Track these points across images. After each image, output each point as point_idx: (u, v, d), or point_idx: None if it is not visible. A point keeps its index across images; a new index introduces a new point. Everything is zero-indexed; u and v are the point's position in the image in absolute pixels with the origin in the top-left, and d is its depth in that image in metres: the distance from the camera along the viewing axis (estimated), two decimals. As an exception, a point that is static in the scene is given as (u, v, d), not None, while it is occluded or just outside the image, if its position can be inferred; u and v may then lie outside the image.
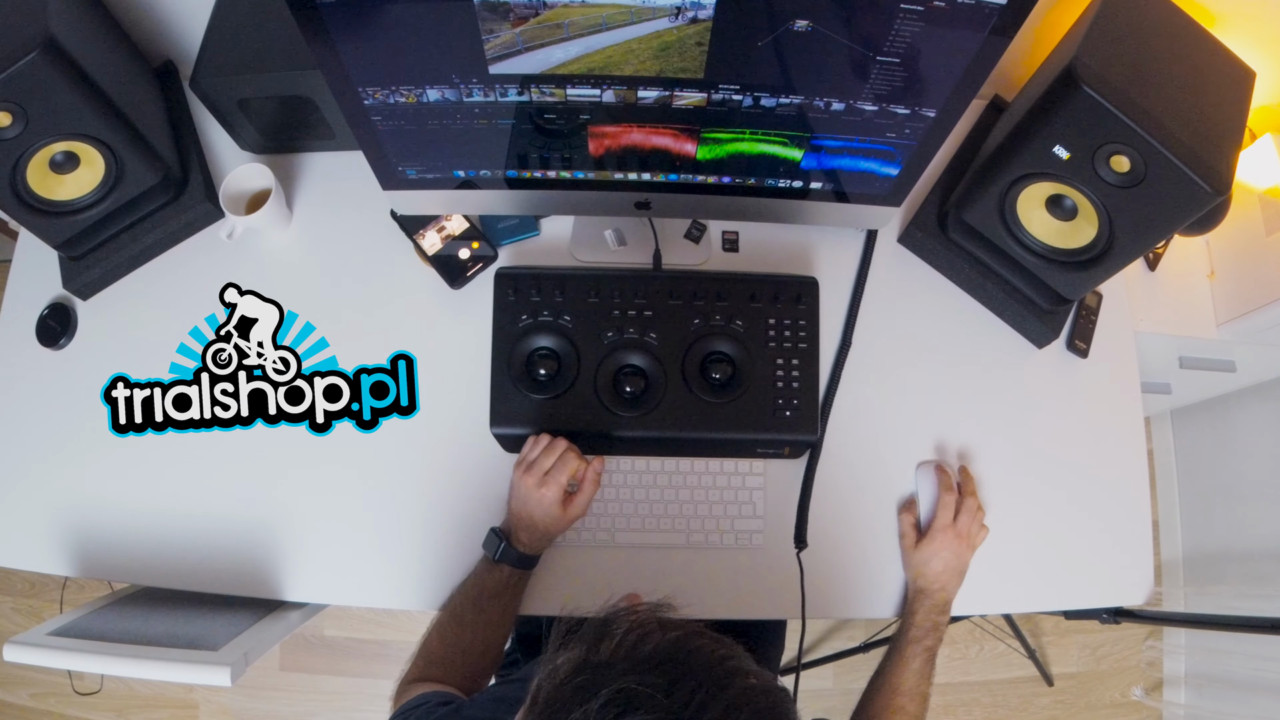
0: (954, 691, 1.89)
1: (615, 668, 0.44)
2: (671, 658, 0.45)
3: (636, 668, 0.44)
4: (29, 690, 1.86)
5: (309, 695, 1.86)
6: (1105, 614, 1.08)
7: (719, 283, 1.01)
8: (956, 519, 0.99)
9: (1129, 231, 0.94)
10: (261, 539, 1.04)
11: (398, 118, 0.84)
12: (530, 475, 0.95)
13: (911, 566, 1.00)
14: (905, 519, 1.03)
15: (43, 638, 0.95)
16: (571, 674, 0.45)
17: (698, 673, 0.44)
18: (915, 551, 1.00)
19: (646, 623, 0.48)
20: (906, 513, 1.03)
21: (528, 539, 0.95)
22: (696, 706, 0.43)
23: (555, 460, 0.95)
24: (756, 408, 0.98)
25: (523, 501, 0.95)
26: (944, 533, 0.98)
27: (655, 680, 0.43)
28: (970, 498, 1.01)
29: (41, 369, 1.11)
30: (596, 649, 0.46)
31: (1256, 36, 1.06)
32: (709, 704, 0.43)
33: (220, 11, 1.09)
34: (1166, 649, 1.90)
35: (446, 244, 1.12)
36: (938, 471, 1.03)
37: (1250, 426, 1.70)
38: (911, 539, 1.01)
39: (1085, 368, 1.13)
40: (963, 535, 0.98)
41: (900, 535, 1.03)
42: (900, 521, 1.04)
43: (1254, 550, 1.67)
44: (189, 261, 1.15)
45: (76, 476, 1.06)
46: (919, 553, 0.99)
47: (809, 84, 0.79)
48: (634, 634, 0.46)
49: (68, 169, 1.02)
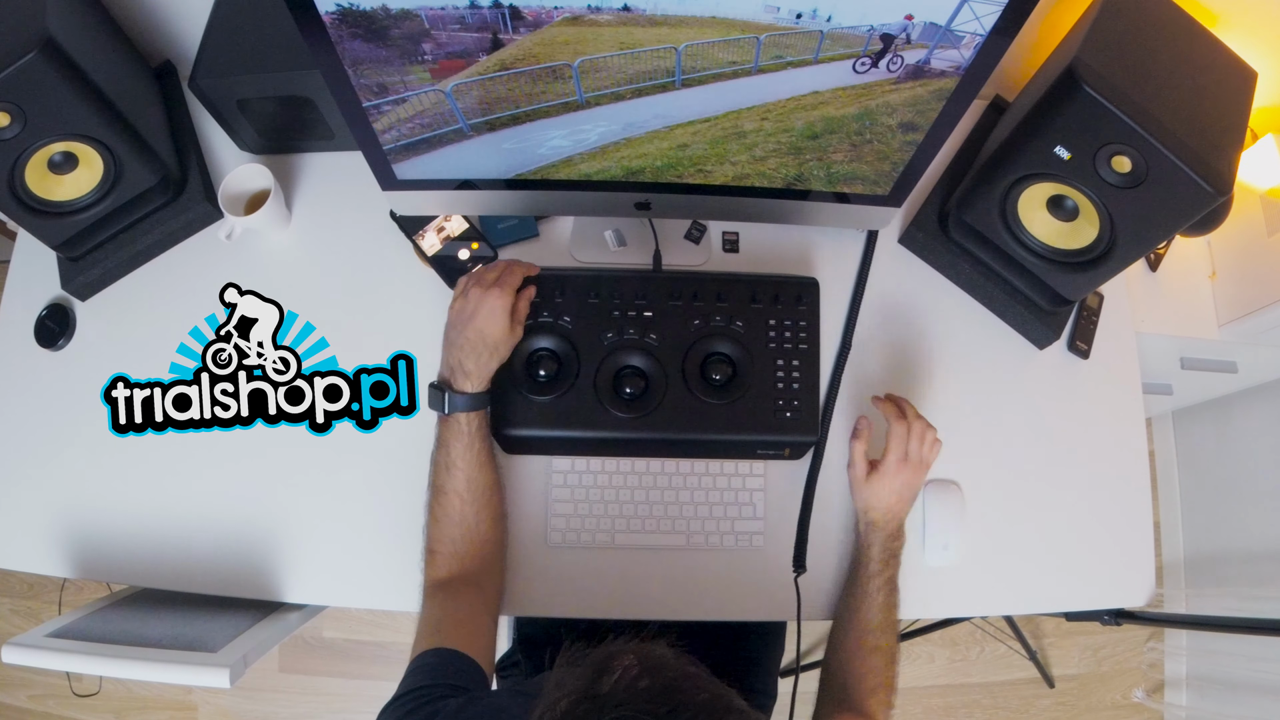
0: (955, 693, 1.89)
1: (615, 697, 0.47)
2: (668, 692, 0.48)
3: (636, 698, 0.47)
4: (28, 692, 1.85)
5: (308, 697, 1.85)
6: (1106, 615, 1.08)
7: (719, 283, 1.01)
8: (908, 448, 0.95)
9: (1130, 232, 0.94)
10: (260, 540, 1.03)
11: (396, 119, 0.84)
12: (476, 285, 0.90)
13: (862, 498, 0.97)
14: (856, 447, 0.98)
15: (41, 639, 0.94)
16: (572, 706, 0.47)
17: (693, 706, 0.47)
18: (866, 484, 0.96)
19: (645, 660, 0.50)
20: (857, 440, 0.98)
21: (474, 366, 0.89)
22: None
23: (500, 273, 0.91)
24: (757, 409, 0.98)
25: (469, 317, 0.89)
26: (898, 466, 0.94)
27: (655, 709, 0.46)
28: (917, 421, 0.95)
29: (40, 370, 1.10)
30: (597, 683, 0.48)
31: (1258, 36, 1.06)
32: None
33: (219, 11, 1.09)
34: (1168, 651, 1.89)
35: (446, 245, 1.12)
36: (884, 402, 0.98)
37: (1252, 427, 1.70)
38: (862, 470, 0.97)
39: (1086, 368, 1.13)
40: (916, 464, 0.95)
41: (850, 464, 0.99)
42: (851, 449, 0.99)
43: (1256, 552, 1.67)
44: (188, 262, 1.14)
45: (75, 478, 1.06)
46: (870, 485, 0.95)
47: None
48: (632, 670, 0.49)
49: (66, 169, 1.02)
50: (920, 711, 1.88)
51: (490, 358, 0.90)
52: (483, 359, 0.90)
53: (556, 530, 1.03)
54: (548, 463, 1.05)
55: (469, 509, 0.90)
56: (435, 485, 0.91)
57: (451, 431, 0.90)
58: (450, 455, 0.90)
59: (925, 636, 1.83)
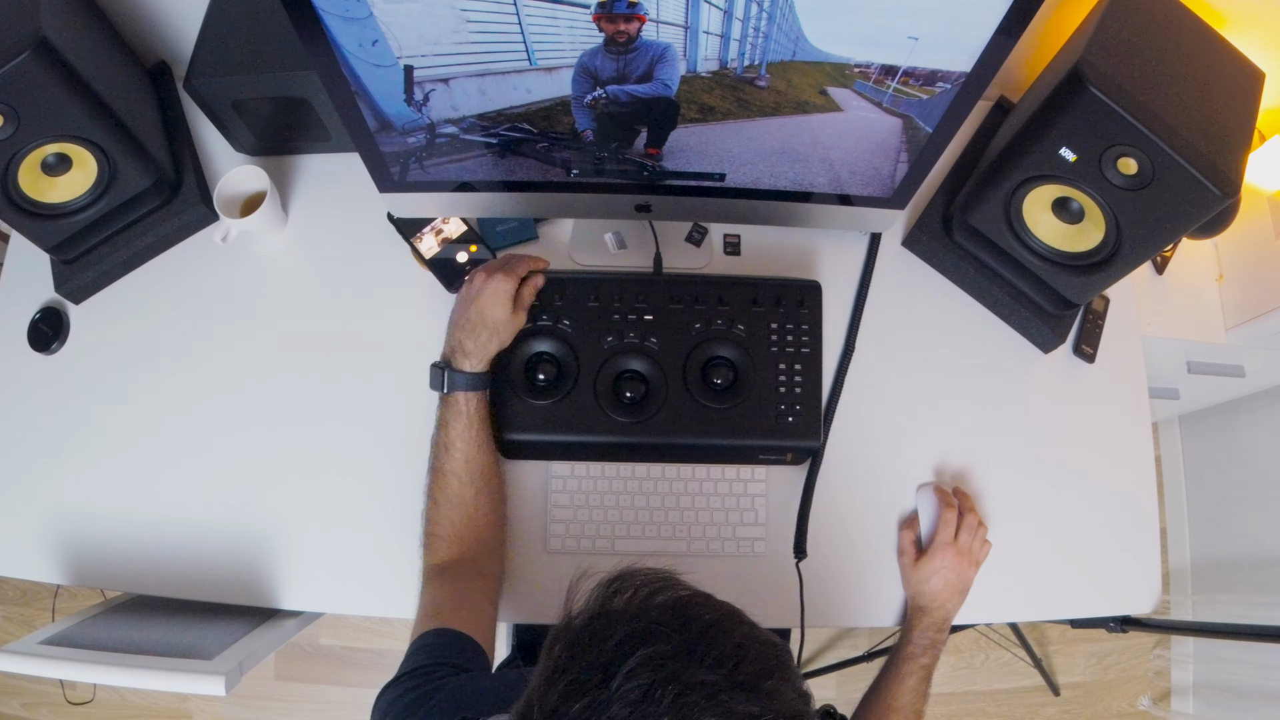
0: (959, 701, 1.88)
1: (629, 613, 0.48)
2: (682, 607, 0.48)
3: (649, 613, 0.47)
4: (21, 700, 1.84)
5: (304, 705, 1.84)
6: (1112, 623, 1.07)
7: (720, 286, 1.00)
8: (958, 536, 0.98)
9: (1136, 235, 0.93)
10: (256, 546, 1.02)
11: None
12: (483, 270, 0.93)
13: (911, 584, 0.99)
14: (905, 535, 1.01)
15: (35, 646, 0.94)
16: (587, 623, 0.48)
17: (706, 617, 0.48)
18: (915, 569, 0.98)
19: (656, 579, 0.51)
20: (907, 529, 1.02)
21: (473, 346, 0.90)
22: (707, 643, 0.45)
23: (507, 259, 0.94)
24: (758, 413, 0.97)
25: (472, 298, 0.91)
26: (944, 550, 0.97)
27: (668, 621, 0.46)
28: (970, 514, 0.99)
29: (33, 374, 1.09)
30: (610, 602, 0.49)
31: (1266, 37, 1.05)
32: (718, 640, 0.46)
33: (214, 12, 1.09)
34: (1174, 658, 1.88)
35: (444, 247, 1.11)
36: (937, 491, 1.02)
37: (1259, 432, 1.68)
38: (911, 556, 1.00)
39: (1092, 373, 1.12)
40: (964, 552, 0.97)
41: (900, 552, 1.02)
42: (900, 538, 1.02)
43: (1263, 558, 1.65)
44: (183, 265, 1.14)
45: (68, 484, 1.05)
46: (919, 570, 0.98)
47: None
48: (645, 589, 0.50)
49: (60, 171, 1.01)
50: (924, 719, 1.87)
51: (490, 339, 0.91)
52: (482, 339, 0.91)
53: (556, 536, 1.01)
54: (547, 467, 1.04)
55: (468, 490, 0.90)
56: (434, 467, 0.91)
57: (451, 411, 0.91)
58: (449, 435, 0.90)
59: (928, 643, 1.81)
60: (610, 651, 0.45)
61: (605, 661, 0.44)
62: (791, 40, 0.73)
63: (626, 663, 0.44)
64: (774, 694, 0.45)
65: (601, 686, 0.44)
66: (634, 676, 0.43)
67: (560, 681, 0.45)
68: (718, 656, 0.45)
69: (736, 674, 0.44)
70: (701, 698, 0.43)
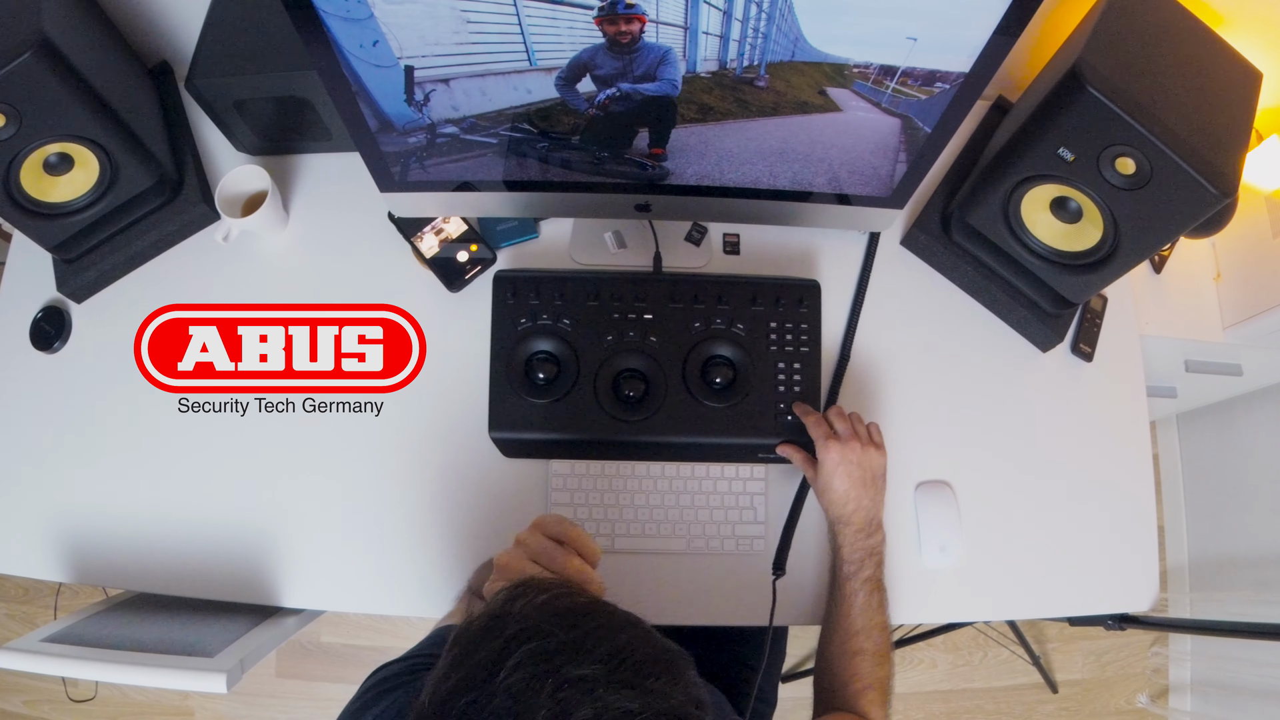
0: (957, 698, 1.88)
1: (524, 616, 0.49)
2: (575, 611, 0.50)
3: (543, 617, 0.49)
4: (23, 697, 1.84)
5: (306, 702, 1.84)
6: (1110, 620, 1.07)
7: (720, 286, 1.00)
8: (835, 430, 0.94)
9: (1134, 234, 0.94)
10: (258, 544, 1.02)
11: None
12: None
13: (820, 497, 0.95)
14: (789, 451, 0.97)
15: (36, 644, 0.94)
16: (485, 623, 0.49)
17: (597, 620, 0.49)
18: (817, 479, 0.94)
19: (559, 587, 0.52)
20: (784, 446, 0.98)
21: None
22: (592, 641, 0.47)
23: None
24: (758, 412, 0.97)
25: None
26: (826, 446, 0.92)
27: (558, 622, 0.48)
28: (832, 409, 0.96)
29: (35, 373, 1.10)
30: (509, 605, 0.50)
31: (1263, 37, 1.05)
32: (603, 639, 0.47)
33: (216, 12, 1.09)
34: (1172, 655, 1.88)
35: (444, 246, 1.11)
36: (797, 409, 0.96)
37: (1257, 431, 1.69)
38: (809, 468, 0.95)
39: (1090, 371, 1.12)
40: (849, 439, 0.93)
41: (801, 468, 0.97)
42: (787, 454, 0.98)
43: (1261, 556, 1.66)
44: (184, 264, 1.14)
45: (70, 482, 1.05)
46: (818, 480, 0.94)
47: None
48: (545, 594, 0.51)
49: (62, 170, 1.01)
50: (923, 717, 1.87)
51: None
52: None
53: (555, 535, 1.02)
54: (547, 466, 1.04)
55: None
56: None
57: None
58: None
59: (928, 641, 1.82)
60: (498, 649, 0.47)
61: (493, 658, 0.46)
62: (790, 41, 0.74)
63: (512, 657, 0.46)
64: (657, 693, 0.46)
65: (488, 681, 0.45)
66: (517, 670, 0.45)
67: (453, 676, 0.47)
68: (601, 654, 0.46)
69: (618, 671, 0.46)
70: (579, 692, 0.44)
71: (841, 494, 0.92)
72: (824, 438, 0.93)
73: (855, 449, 0.92)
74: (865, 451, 0.93)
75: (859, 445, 0.93)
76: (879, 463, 0.94)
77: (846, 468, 0.92)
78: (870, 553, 0.91)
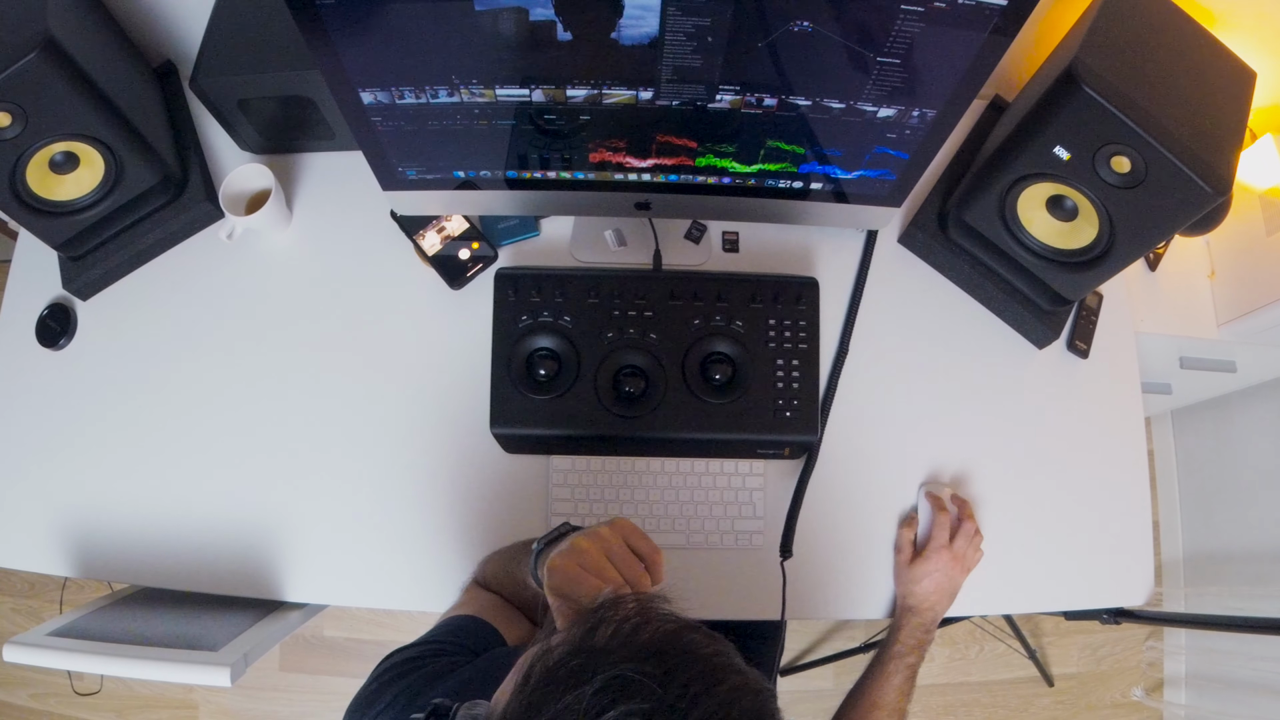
0: (954, 692, 1.89)
1: (611, 654, 0.44)
2: (667, 649, 0.45)
3: (632, 656, 0.44)
4: (29, 690, 1.85)
5: (309, 696, 1.85)
6: (1106, 614, 1.08)
7: (719, 283, 1.01)
8: (953, 541, 0.99)
9: (1129, 232, 0.94)
10: (261, 539, 1.03)
11: (397, 118, 0.84)
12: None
13: (903, 583, 1.01)
14: (904, 533, 1.03)
15: (42, 638, 0.95)
16: (566, 656, 0.45)
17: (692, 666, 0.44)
18: (909, 569, 1.00)
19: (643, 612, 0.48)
20: (906, 528, 1.03)
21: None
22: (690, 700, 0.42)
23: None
24: (756, 408, 0.98)
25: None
26: (939, 554, 0.99)
27: (650, 670, 0.43)
28: (968, 521, 1.01)
29: (41, 370, 1.10)
30: (592, 634, 0.46)
31: (1257, 37, 1.06)
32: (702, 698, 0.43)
33: (220, 11, 1.09)
34: (1167, 649, 1.90)
35: (446, 244, 1.12)
36: (929, 497, 1.04)
37: (1251, 427, 1.70)
38: (907, 555, 1.01)
39: (1086, 368, 1.13)
40: (958, 557, 0.99)
41: (896, 549, 1.03)
42: (899, 535, 1.04)
43: (1255, 550, 1.67)
44: (189, 262, 1.15)
45: (76, 477, 1.06)
46: (912, 570, 0.99)
47: (809, 85, 0.79)
48: (630, 622, 0.47)
49: (67, 169, 1.02)
50: (919, 710, 1.88)
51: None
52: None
53: (557, 529, 1.03)
54: (548, 461, 1.05)
55: (526, 594, 0.85)
56: (510, 561, 0.87)
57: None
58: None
59: (925, 635, 1.83)
60: (588, 700, 0.42)
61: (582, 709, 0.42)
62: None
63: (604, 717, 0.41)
64: None
65: None
66: None
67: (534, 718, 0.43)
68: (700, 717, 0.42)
69: None
70: None
71: (924, 594, 0.98)
72: (943, 546, 0.99)
73: (957, 569, 0.99)
74: (960, 573, 1.00)
75: (960, 568, 0.99)
76: (961, 582, 1.00)
77: (941, 578, 0.98)
78: (920, 645, 0.96)
